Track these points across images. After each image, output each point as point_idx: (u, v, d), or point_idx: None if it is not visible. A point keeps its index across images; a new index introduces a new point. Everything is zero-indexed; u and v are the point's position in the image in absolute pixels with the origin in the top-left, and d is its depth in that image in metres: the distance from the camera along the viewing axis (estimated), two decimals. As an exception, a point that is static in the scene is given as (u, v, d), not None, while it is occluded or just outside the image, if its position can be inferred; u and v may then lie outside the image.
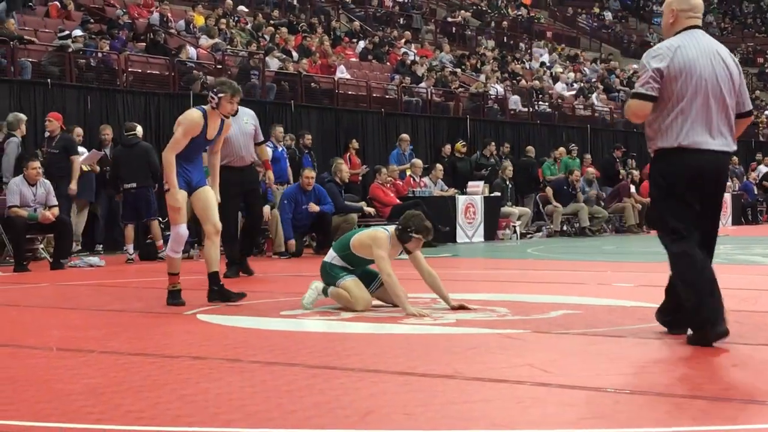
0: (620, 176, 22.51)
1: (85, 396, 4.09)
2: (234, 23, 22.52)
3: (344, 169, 15.59)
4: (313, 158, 16.97)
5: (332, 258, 7.33)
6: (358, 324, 6.52)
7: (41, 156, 12.89)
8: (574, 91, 28.91)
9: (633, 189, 21.46)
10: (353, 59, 24.03)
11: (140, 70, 17.33)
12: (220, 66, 18.54)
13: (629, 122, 30.00)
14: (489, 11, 37.70)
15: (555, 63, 32.33)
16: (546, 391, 4.13)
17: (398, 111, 21.49)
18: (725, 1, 52.23)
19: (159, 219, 13.28)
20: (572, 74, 31.19)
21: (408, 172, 18.06)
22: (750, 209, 25.58)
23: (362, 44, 25.70)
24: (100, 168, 14.16)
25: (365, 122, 20.43)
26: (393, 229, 7.14)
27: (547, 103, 26.73)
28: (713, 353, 4.99)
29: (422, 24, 32.36)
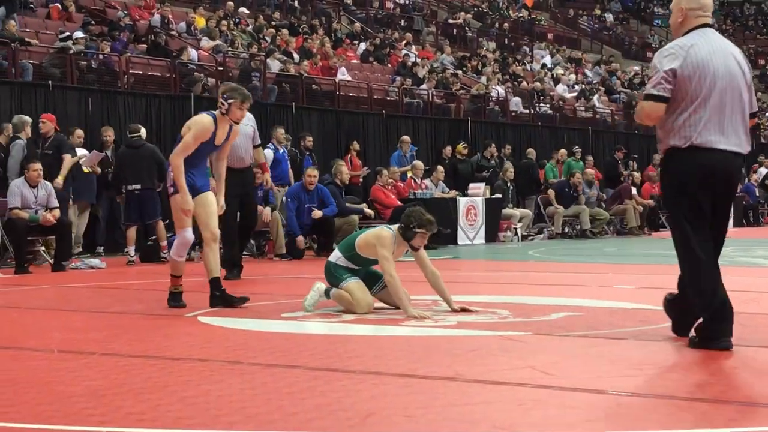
0: (622, 178, 22.50)
1: (86, 398, 4.10)
2: (235, 25, 22.51)
3: (344, 171, 15.59)
4: (314, 160, 16.95)
5: (337, 258, 7.34)
6: (360, 326, 6.52)
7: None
8: (575, 93, 28.90)
9: (634, 191, 21.45)
10: (354, 61, 24.03)
11: (141, 72, 17.32)
12: (221, 68, 18.53)
13: (630, 124, 29.88)
14: (490, 13, 37.70)
15: (558, 65, 32.29)
16: (547, 394, 4.13)
17: (399, 113, 21.46)
18: (726, 3, 52.22)
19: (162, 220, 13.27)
20: (573, 76, 31.19)
21: (409, 174, 18.06)
22: (752, 211, 25.54)
23: (363, 46, 25.70)
24: (102, 169, 14.16)
25: (366, 124, 20.41)
26: (397, 228, 7.14)
27: (548, 105, 26.72)
28: (714, 356, 4.99)
29: (423, 26, 32.33)
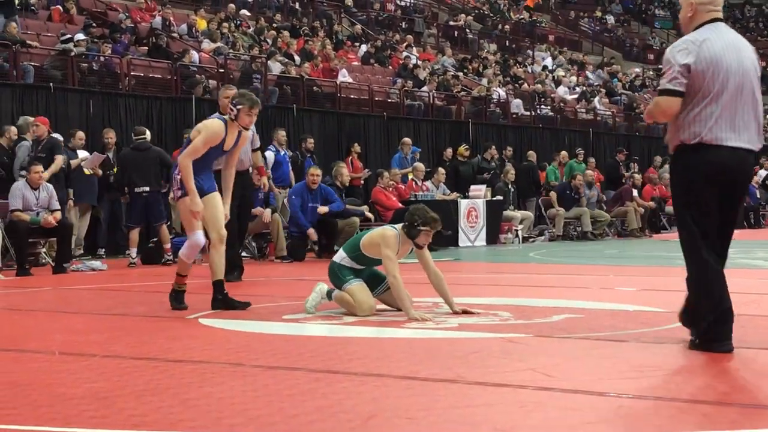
0: (623, 180, 22.49)
1: (88, 400, 4.10)
2: (236, 27, 22.51)
3: (345, 173, 15.60)
4: (316, 162, 16.95)
5: (341, 258, 7.32)
6: (361, 328, 6.52)
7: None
8: (577, 95, 28.91)
9: (635, 193, 21.44)
10: (355, 63, 24.03)
11: (142, 74, 17.33)
12: (222, 70, 18.54)
13: (631, 126, 29.83)
14: (491, 15, 37.69)
15: (560, 67, 32.28)
16: (548, 396, 4.13)
17: (400, 115, 21.46)
18: (727, 5, 52.20)
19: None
20: (574, 78, 31.19)
21: (410, 176, 18.07)
22: (752, 213, 25.51)
23: (364, 48, 25.70)
24: (103, 172, 14.15)
25: (367, 126, 20.41)
26: (401, 227, 7.13)
27: (550, 107, 26.73)
28: (716, 357, 4.99)
29: (424, 28, 32.32)
